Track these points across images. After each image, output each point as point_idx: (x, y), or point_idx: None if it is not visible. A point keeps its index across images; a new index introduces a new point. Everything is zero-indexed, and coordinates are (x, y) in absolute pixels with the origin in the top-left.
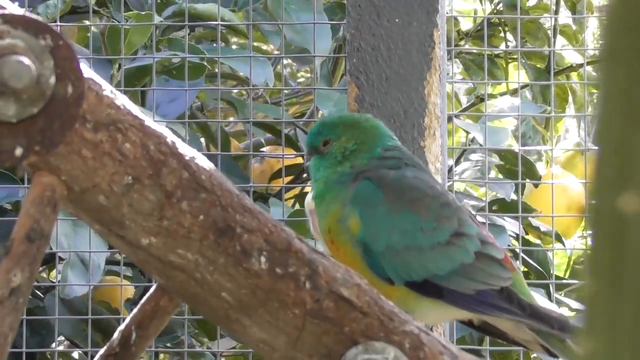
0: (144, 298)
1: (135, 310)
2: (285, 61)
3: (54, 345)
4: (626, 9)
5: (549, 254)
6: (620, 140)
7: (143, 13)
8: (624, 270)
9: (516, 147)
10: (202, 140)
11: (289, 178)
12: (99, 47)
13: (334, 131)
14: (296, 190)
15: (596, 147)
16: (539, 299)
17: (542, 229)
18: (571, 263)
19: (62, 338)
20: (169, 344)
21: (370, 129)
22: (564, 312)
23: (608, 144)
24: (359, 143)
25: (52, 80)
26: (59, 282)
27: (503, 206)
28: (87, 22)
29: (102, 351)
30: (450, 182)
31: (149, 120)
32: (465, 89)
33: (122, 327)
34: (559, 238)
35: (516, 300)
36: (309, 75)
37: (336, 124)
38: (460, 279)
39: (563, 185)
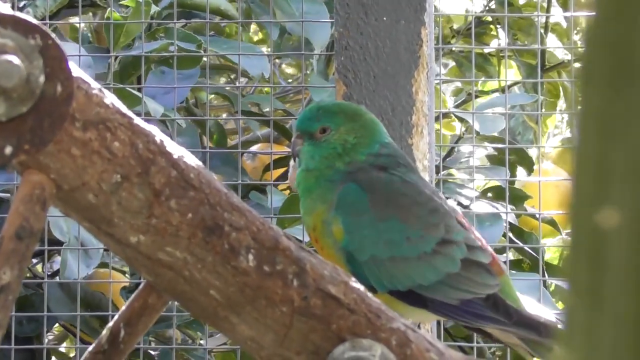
0: (133, 295)
1: (123, 308)
2: (279, 59)
3: (48, 335)
4: (602, 29)
5: (542, 248)
6: (598, 156)
7: (140, 0)
8: (603, 285)
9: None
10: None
11: (283, 169)
12: (91, 42)
13: (333, 119)
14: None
15: (573, 163)
16: (534, 291)
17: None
18: (562, 260)
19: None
20: (159, 340)
21: (371, 124)
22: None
23: (586, 159)
24: (359, 137)
25: (42, 79)
26: (48, 275)
27: (499, 193)
28: (79, 17)
29: (90, 348)
30: (443, 174)
31: (138, 119)
32: (452, 90)
33: (110, 324)
34: (554, 224)
35: (502, 308)
36: (299, 74)
37: (336, 112)
38: (445, 289)
39: (554, 180)
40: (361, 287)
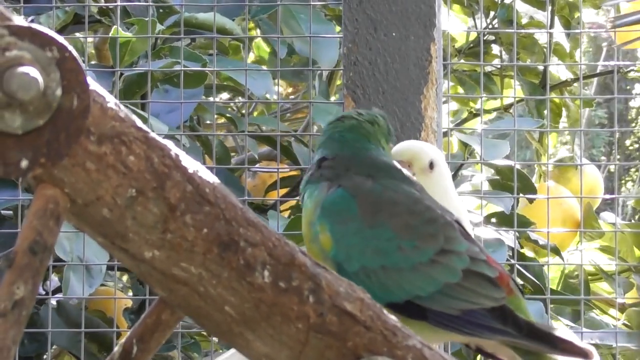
0: (146, 311)
1: (136, 324)
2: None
3: (47, 355)
4: None
5: (544, 268)
6: None
7: (146, 19)
8: None
9: (512, 161)
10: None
11: (285, 190)
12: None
13: None
14: (292, 202)
15: None
16: (537, 317)
17: (541, 242)
18: (564, 276)
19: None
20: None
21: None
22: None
23: None
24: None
25: (59, 92)
26: (50, 292)
27: (502, 219)
28: (85, 33)
29: None
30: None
31: (153, 133)
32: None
33: (123, 340)
34: (556, 251)
35: (511, 319)
36: (298, 92)
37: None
38: (445, 299)
39: (558, 199)
40: (377, 304)
